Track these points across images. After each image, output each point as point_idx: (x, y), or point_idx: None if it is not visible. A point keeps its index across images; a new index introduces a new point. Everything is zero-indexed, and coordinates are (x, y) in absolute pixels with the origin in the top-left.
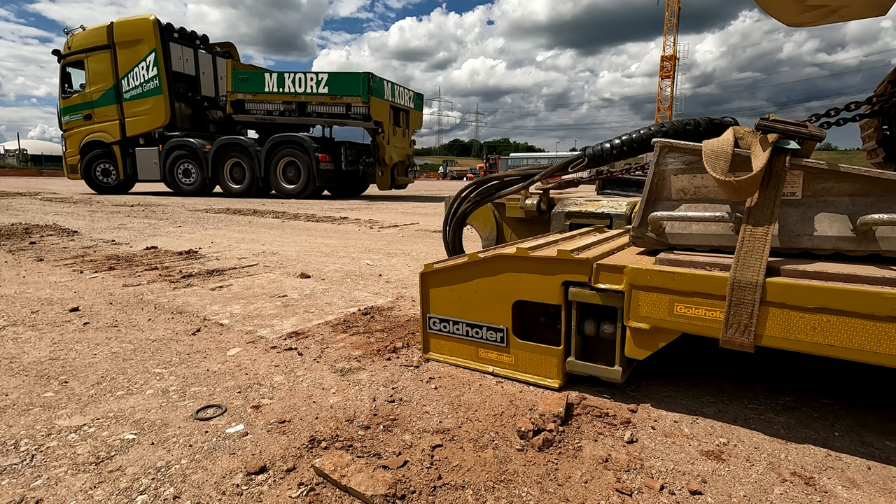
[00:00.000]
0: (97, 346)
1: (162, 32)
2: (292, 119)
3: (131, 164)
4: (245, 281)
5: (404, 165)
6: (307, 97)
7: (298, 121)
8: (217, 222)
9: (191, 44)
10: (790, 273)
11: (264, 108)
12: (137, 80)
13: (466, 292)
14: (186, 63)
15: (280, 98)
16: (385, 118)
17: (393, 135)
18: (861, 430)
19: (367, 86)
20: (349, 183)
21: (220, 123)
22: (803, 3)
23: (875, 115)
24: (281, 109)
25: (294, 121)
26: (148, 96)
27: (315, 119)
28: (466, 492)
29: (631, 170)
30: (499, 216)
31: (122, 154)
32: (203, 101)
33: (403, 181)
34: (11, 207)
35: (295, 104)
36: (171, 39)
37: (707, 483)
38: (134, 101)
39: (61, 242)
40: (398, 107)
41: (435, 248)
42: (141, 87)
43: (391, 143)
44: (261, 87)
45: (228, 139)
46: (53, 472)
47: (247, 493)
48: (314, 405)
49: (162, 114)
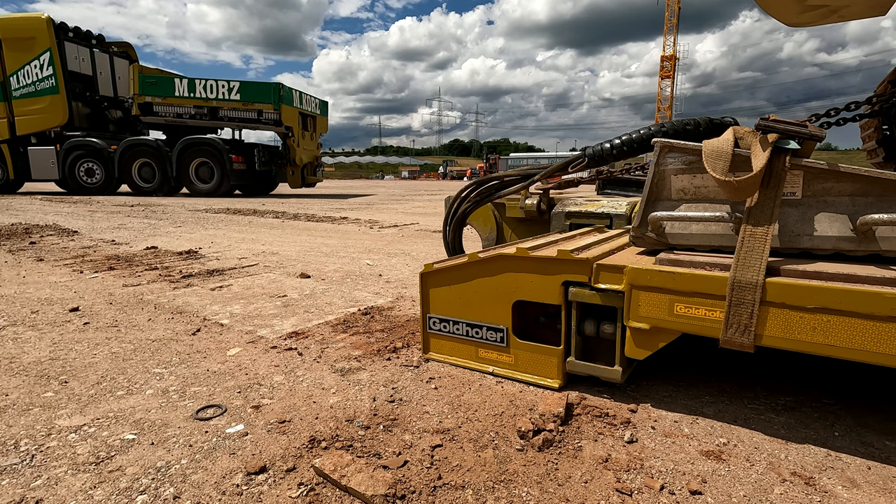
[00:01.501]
0: (97, 346)
1: (56, 31)
2: (204, 122)
3: (22, 163)
4: (245, 281)
5: (313, 166)
6: (219, 102)
7: (210, 124)
8: (217, 222)
9: (86, 43)
10: (790, 273)
11: (174, 112)
12: (29, 78)
13: (466, 292)
14: (83, 62)
15: (191, 102)
16: (295, 123)
17: (302, 138)
18: (861, 430)
19: (277, 94)
20: (260, 182)
21: (121, 123)
22: (803, 3)
23: (875, 115)
24: (192, 113)
25: (206, 124)
26: (42, 95)
27: (227, 123)
28: (466, 492)
29: (631, 170)
30: (499, 216)
31: (11, 153)
32: (103, 101)
33: (313, 180)
34: (11, 207)
35: (207, 108)
36: (66, 39)
37: (707, 483)
38: (25, 99)
39: (61, 242)
40: (306, 113)
41: (435, 248)
42: (34, 85)
43: (301, 145)
44: (170, 92)
45: (136, 140)
46: (53, 472)
47: (247, 493)
48: (314, 405)
49: (59, 113)
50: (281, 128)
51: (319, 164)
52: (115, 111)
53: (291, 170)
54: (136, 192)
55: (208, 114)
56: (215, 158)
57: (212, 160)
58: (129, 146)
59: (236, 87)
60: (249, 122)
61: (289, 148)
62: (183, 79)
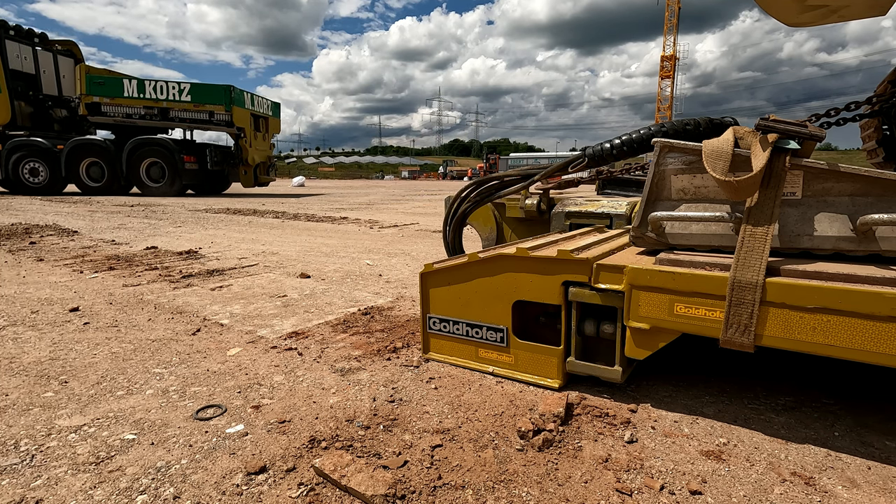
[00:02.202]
0: (97, 346)
1: None
2: (154, 123)
3: None
4: (245, 281)
5: (266, 165)
6: (169, 103)
7: (161, 125)
8: (217, 222)
9: (29, 41)
10: (790, 273)
11: (123, 112)
12: None
13: (466, 292)
14: (25, 61)
15: (141, 103)
16: (246, 124)
17: (254, 139)
18: (861, 430)
19: (229, 96)
20: (212, 181)
21: (66, 123)
22: (803, 3)
23: (875, 115)
24: (142, 113)
25: (156, 124)
26: None
27: (178, 124)
28: (466, 492)
29: (631, 170)
30: (499, 216)
31: None
32: (47, 100)
33: (265, 179)
34: (11, 207)
35: (157, 109)
36: (6, 37)
37: (707, 483)
38: None
39: (61, 242)
40: (258, 114)
41: (435, 248)
42: None
43: (253, 146)
44: (119, 92)
45: (84, 140)
46: (53, 472)
47: (247, 493)
48: (314, 405)
49: (1, 112)
50: (233, 129)
51: (272, 163)
52: (59, 110)
53: (244, 169)
54: (84, 192)
55: (159, 114)
56: (166, 158)
57: (163, 160)
58: (77, 146)
59: (187, 89)
60: (201, 123)
61: (241, 148)
62: (132, 79)
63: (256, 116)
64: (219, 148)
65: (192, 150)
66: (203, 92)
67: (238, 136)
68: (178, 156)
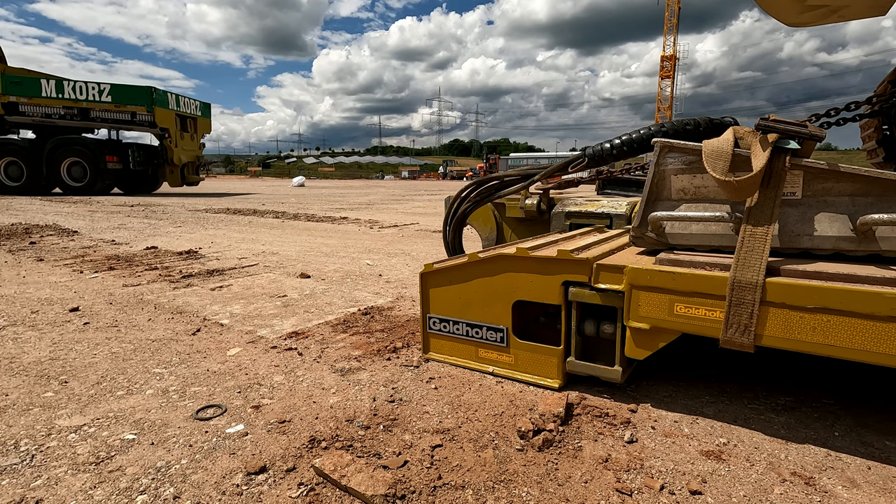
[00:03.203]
0: (97, 346)
1: None
2: (74, 123)
3: None
4: (245, 281)
5: (195, 165)
6: (90, 104)
7: (81, 125)
8: (217, 222)
9: None
10: (790, 273)
11: (42, 112)
12: None
13: (466, 292)
14: None
15: (60, 103)
16: (171, 125)
17: (181, 139)
18: (861, 430)
19: (150, 98)
20: (140, 181)
21: None
22: (803, 3)
23: (875, 115)
24: (62, 113)
25: (76, 124)
26: None
27: (100, 124)
28: (466, 492)
29: (631, 170)
30: (499, 216)
31: None
32: None
33: (194, 179)
34: (11, 207)
35: (77, 109)
36: None
37: (707, 483)
38: None
39: (61, 242)
40: (185, 115)
41: (435, 248)
42: None
43: (179, 146)
44: (37, 92)
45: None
46: (53, 472)
47: (247, 493)
48: (314, 405)
49: None
50: (156, 129)
51: (202, 163)
52: None
53: (170, 169)
54: (2, 192)
55: (79, 114)
56: (88, 158)
57: (84, 160)
58: None
59: (107, 90)
60: (123, 123)
61: (166, 148)
62: (50, 79)
63: (183, 117)
64: (142, 147)
65: (114, 150)
66: (124, 93)
67: (162, 136)
68: (100, 155)
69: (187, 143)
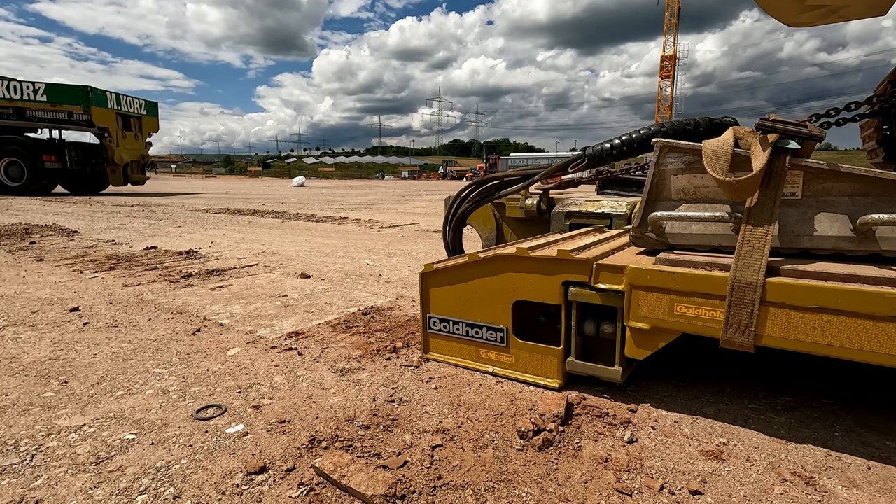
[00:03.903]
0: (97, 346)
1: None
2: (10, 122)
3: None
4: (245, 281)
5: (139, 164)
6: (25, 103)
7: (17, 124)
8: (217, 222)
9: None
10: (790, 273)
11: None
12: None
13: (466, 292)
14: None
15: None
16: (111, 124)
17: (123, 138)
18: (861, 430)
19: (86, 97)
20: (83, 180)
21: None
22: (803, 3)
23: (875, 115)
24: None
25: (12, 123)
26: None
27: (37, 123)
28: (466, 492)
29: (631, 170)
30: (499, 216)
31: None
32: None
33: (138, 178)
34: (11, 207)
35: (13, 109)
36: None
37: (707, 483)
38: None
39: (61, 242)
40: (127, 114)
41: (435, 248)
42: None
43: (121, 145)
44: None
45: None
46: (53, 472)
47: (247, 493)
48: (314, 405)
49: None
50: (94, 128)
51: (147, 162)
52: None
53: (112, 168)
54: None
55: (14, 114)
56: (24, 157)
57: (21, 159)
58: None
59: (42, 89)
60: (61, 122)
61: (106, 147)
62: None
63: (126, 116)
64: (80, 147)
65: (52, 150)
66: (59, 92)
67: (101, 135)
68: (37, 155)
69: (130, 142)
